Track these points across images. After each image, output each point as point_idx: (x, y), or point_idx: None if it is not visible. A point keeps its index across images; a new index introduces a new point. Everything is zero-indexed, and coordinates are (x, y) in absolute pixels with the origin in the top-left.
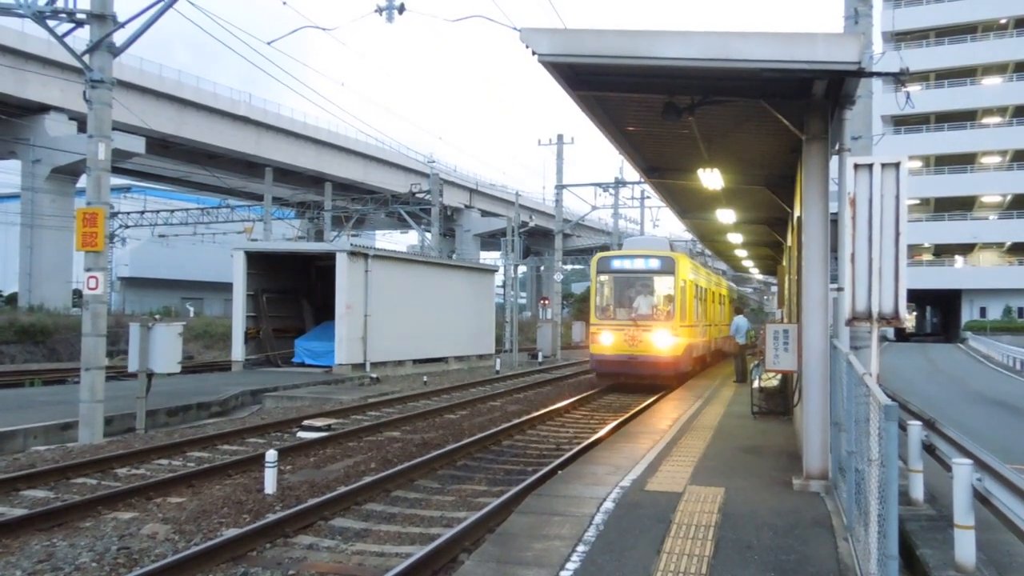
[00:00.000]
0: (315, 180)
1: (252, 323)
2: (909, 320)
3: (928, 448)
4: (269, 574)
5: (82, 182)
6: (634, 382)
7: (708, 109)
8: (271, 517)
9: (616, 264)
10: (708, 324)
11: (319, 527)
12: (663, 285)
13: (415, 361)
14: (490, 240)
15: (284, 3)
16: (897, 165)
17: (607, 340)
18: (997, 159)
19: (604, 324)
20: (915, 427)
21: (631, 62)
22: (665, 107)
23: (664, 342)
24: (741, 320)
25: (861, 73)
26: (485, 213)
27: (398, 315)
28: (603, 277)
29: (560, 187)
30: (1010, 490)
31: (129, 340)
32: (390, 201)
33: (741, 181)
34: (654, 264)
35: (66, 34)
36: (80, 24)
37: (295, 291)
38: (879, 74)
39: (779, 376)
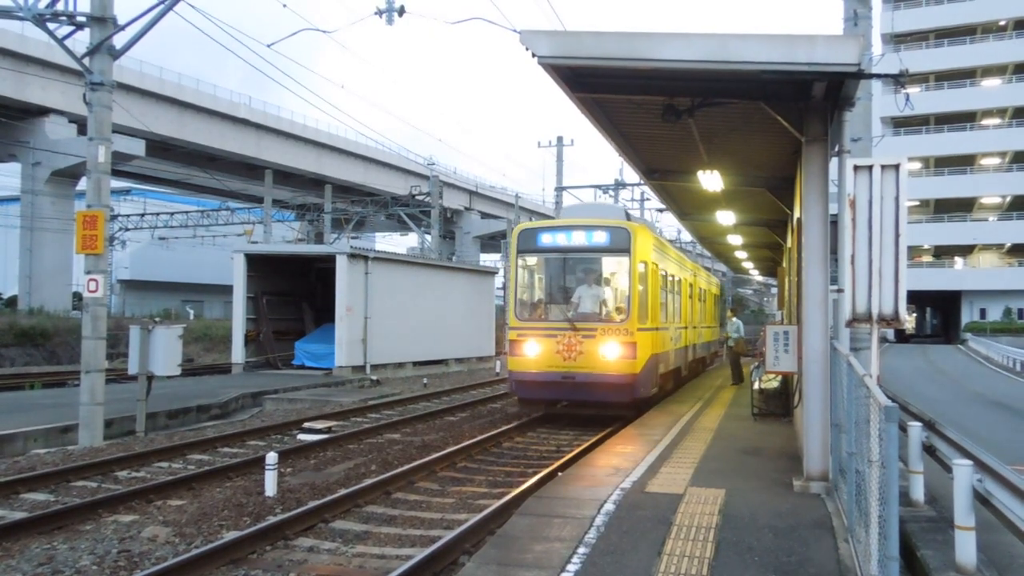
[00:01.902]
0: (315, 182)
1: (252, 325)
2: (909, 321)
3: (928, 449)
4: None
5: (82, 185)
6: (573, 412)
7: (708, 111)
8: (271, 519)
9: (545, 239)
10: (684, 327)
11: (320, 529)
12: (614, 269)
13: (415, 363)
14: (490, 242)
15: (284, 5)
16: (897, 167)
17: (532, 351)
18: (997, 160)
19: (528, 328)
20: (915, 428)
21: (631, 64)
22: (665, 109)
23: (615, 353)
24: (738, 323)
25: (860, 75)
26: (485, 215)
27: (398, 317)
28: (528, 259)
29: (560, 189)
30: (1010, 491)
31: (129, 343)
32: (390, 203)
33: (741, 183)
34: (600, 239)
35: (66, 37)
36: (80, 27)
37: (295, 293)
38: (878, 76)
39: (779, 377)
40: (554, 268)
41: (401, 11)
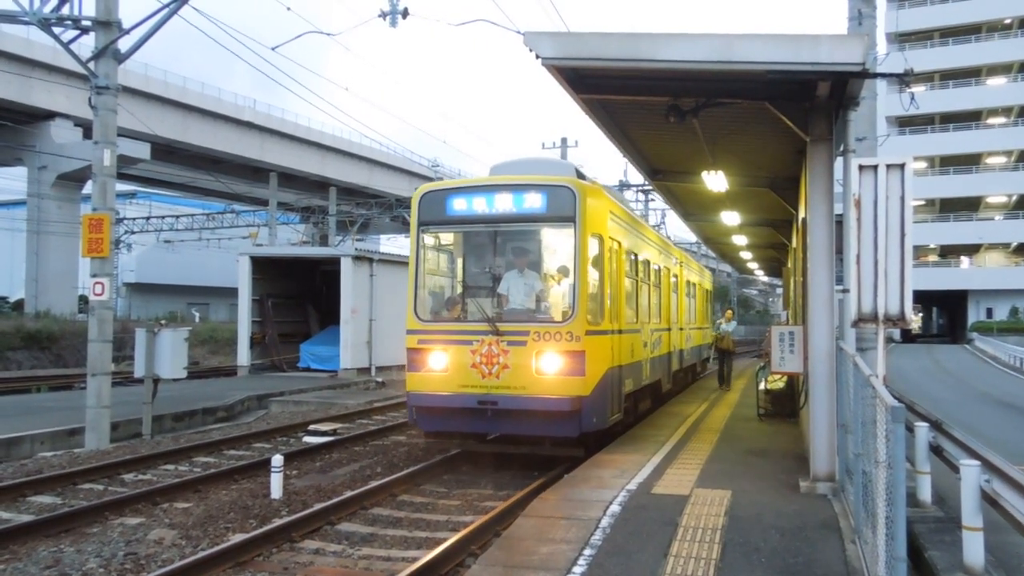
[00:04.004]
0: (320, 185)
1: (257, 328)
2: (915, 321)
3: (935, 449)
4: None
5: (88, 188)
6: (497, 451)
7: (712, 111)
8: (277, 522)
9: (457, 205)
10: (666, 328)
11: (325, 532)
12: (554, 246)
13: None
14: None
15: (288, 8)
16: (902, 166)
17: (438, 364)
18: (1002, 159)
19: (433, 332)
20: (922, 428)
21: (634, 65)
22: (669, 109)
23: (554, 366)
24: (734, 323)
25: (865, 74)
26: None
27: (403, 319)
28: (436, 233)
29: None
30: (1019, 491)
31: (135, 346)
32: (394, 205)
33: (745, 183)
34: (533, 203)
35: (71, 41)
36: (85, 31)
37: (300, 296)
38: (883, 75)
39: (785, 378)
40: (470, 246)
41: (405, 13)
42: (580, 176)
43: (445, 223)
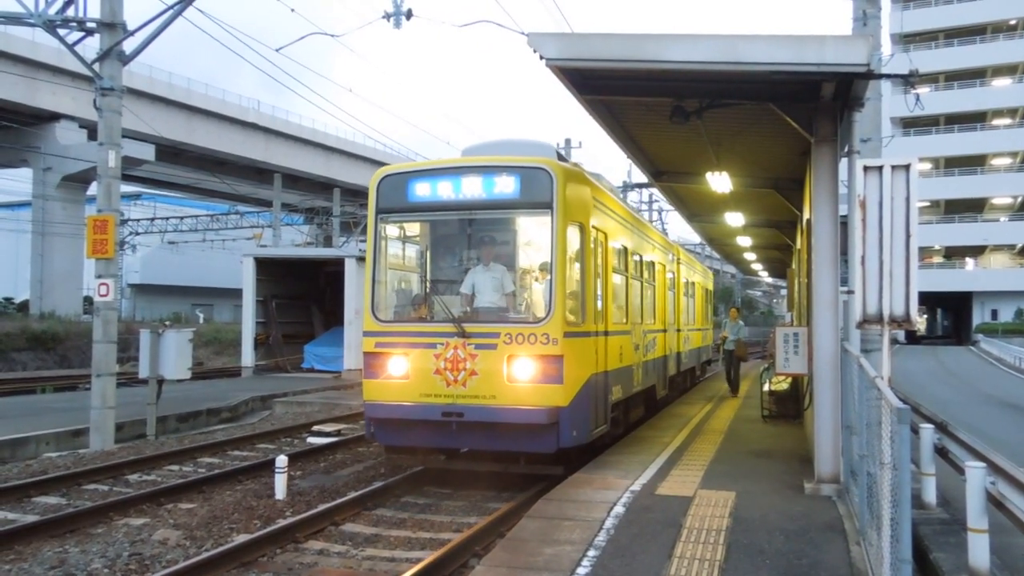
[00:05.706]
0: (324, 186)
1: (262, 329)
2: (920, 323)
3: (940, 451)
4: None
5: (93, 189)
6: (462, 468)
7: (716, 112)
8: (281, 523)
9: (420, 190)
10: (662, 329)
11: (329, 532)
12: (528, 236)
13: None
14: None
15: (292, 10)
16: (907, 167)
17: (398, 370)
18: (1008, 161)
19: (392, 334)
20: (927, 430)
21: (638, 66)
22: (673, 110)
23: (527, 372)
24: (740, 324)
25: (870, 75)
26: None
27: None
28: (397, 223)
29: None
30: None
31: (140, 346)
32: None
33: (750, 184)
34: (505, 187)
35: (76, 43)
36: (90, 33)
37: (304, 297)
38: (888, 76)
39: (789, 380)
40: (435, 236)
41: (408, 14)
42: (561, 159)
43: (406, 211)
